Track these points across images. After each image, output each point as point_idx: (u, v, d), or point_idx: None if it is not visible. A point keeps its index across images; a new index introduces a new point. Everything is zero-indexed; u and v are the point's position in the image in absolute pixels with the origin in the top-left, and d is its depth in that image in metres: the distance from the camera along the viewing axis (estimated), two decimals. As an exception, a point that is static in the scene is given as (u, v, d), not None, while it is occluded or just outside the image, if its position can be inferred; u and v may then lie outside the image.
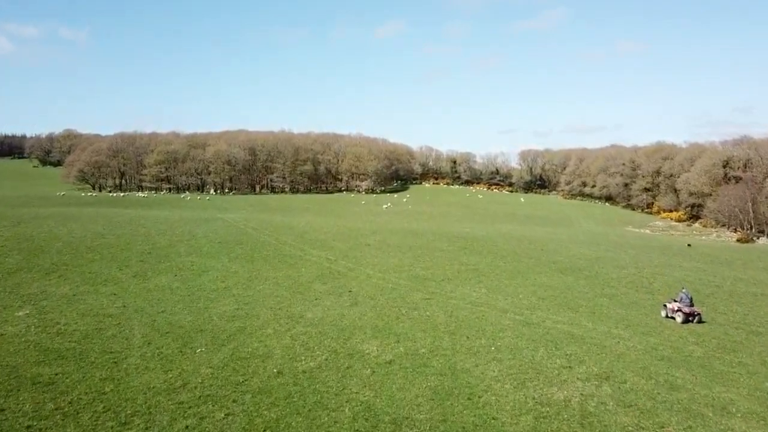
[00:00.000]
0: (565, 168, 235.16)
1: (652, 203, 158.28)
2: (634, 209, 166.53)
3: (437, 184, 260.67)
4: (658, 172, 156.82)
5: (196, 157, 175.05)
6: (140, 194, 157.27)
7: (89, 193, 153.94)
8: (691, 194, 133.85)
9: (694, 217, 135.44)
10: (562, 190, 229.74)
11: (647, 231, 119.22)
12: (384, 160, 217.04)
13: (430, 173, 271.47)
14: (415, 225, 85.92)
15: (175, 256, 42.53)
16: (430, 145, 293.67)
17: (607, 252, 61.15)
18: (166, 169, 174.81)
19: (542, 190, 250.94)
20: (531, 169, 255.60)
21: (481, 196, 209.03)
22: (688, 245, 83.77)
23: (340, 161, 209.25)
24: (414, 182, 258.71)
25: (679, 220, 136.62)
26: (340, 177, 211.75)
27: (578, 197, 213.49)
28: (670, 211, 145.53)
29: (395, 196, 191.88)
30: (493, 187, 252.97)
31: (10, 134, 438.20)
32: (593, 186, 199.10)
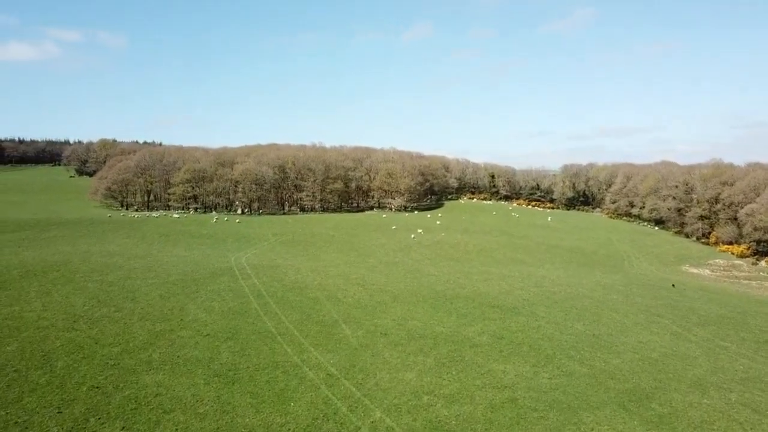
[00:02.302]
0: (610, 185, 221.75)
1: (710, 232, 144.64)
2: (688, 237, 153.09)
3: (474, 198, 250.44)
4: (716, 200, 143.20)
5: (224, 176, 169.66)
6: (166, 214, 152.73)
7: (116, 211, 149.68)
8: (756, 229, 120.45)
9: (759, 254, 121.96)
10: (607, 209, 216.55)
11: (707, 272, 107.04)
12: (418, 176, 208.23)
13: (467, 187, 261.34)
14: (444, 276, 76.85)
15: (143, 371, 34.83)
16: (467, 157, 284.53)
17: (673, 340, 50.84)
18: (193, 188, 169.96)
19: (585, 207, 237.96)
20: (574, 184, 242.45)
21: (517, 215, 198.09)
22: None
23: (371, 178, 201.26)
24: (450, 197, 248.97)
25: (741, 256, 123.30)
26: (371, 194, 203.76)
27: (624, 217, 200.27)
28: (731, 243, 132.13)
29: (428, 215, 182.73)
30: (534, 203, 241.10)
31: (53, 140, 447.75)
32: (642, 207, 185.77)
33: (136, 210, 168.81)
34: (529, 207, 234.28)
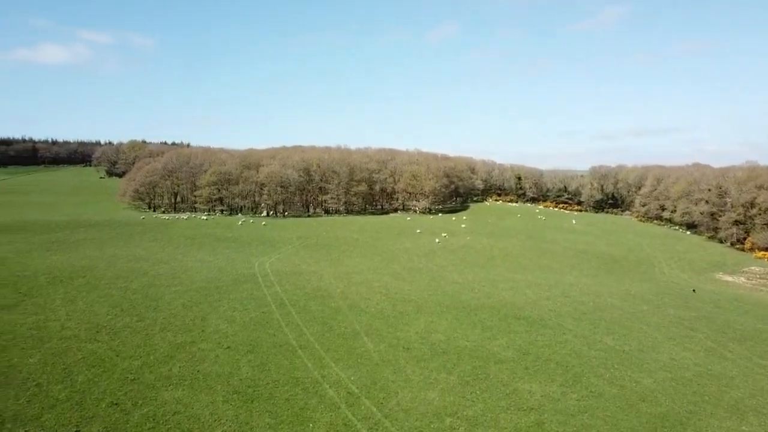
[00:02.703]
0: (640, 188, 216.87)
1: (745, 238, 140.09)
2: (722, 242, 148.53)
3: (500, 200, 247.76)
4: (752, 204, 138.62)
5: (249, 179, 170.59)
6: (193, 216, 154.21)
7: (143, 213, 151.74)
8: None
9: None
10: (637, 212, 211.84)
11: (742, 279, 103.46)
12: (443, 178, 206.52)
13: (493, 189, 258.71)
14: (469, 284, 75.52)
15: (162, 387, 34.52)
16: (492, 158, 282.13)
17: (708, 358, 48.77)
18: (219, 191, 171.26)
19: (614, 210, 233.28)
20: (602, 186, 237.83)
21: (543, 217, 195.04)
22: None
23: (396, 180, 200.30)
24: (475, 199, 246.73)
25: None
26: (396, 196, 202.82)
27: (655, 221, 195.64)
28: (767, 249, 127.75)
29: (453, 218, 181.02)
30: (561, 205, 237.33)
31: (84, 141, 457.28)
32: (673, 211, 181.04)
33: (164, 212, 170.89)
34: (556, 209, 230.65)
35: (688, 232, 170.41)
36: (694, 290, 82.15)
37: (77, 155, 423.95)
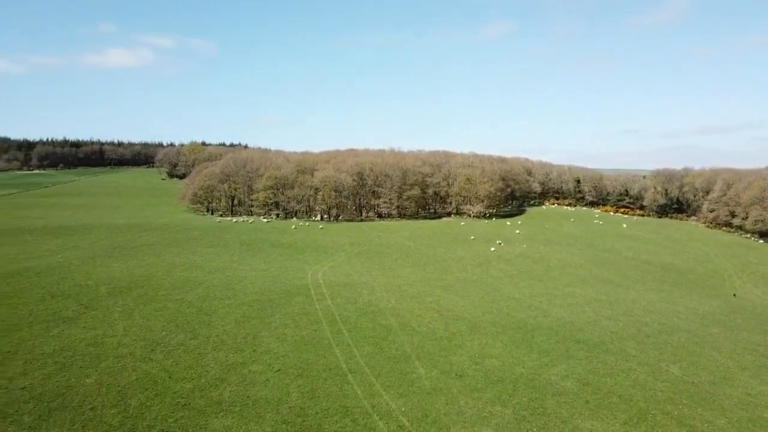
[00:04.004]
0: (708, 192, 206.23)
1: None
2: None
3: (557, 204, 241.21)
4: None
5: (304, 183, 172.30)
6: (252, 221, 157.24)
7: (202, 216, 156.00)
8: None
9: None
10: (704, 218, 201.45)
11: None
12: (498, 181, 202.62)
13: (550, 192, 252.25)
14: (526, 300, 73.03)
15: (212, 414, 34.40)
16: (546, 156, 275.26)
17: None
18: (275, 194, 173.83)
19: (679, 215, 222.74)
20: (666, 191, 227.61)
21: (601, 222, 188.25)
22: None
23: (449, 184, 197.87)
24: (532, 202, 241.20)
25: None
26: (449, 200, 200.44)
27: (724, 228, 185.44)
28: None
29: (508, 223, 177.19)
30: (622, 209, 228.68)
31: (148, 142, 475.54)
32: (744, 218, 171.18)
33: (221, 215, 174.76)
34: (617, 214, 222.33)
35: (761, 241, 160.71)
36: (734, 294, 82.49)
37: (141, 156, 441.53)
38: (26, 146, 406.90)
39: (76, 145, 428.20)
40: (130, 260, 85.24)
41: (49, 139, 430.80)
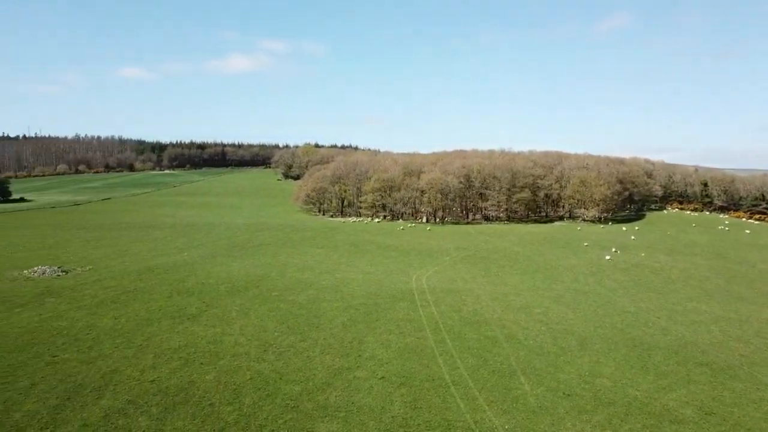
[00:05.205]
0: None
1: None
2: None
3: (682, 209, 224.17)
4: None
5: (411, 186, 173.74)
6: (364, 221, 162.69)
7: (314, 216, 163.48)
8: None
9: None
10: None
11: None
12: (615, 184, 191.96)
13: (673, 196, 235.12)
14: (642, 315, 68.58)
15: (319, 418, 35.67)
16: (672, 157, 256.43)
17: None
18: (382, 197, 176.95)
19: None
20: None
21: (728, 229, 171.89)
22: None
23: (562, 186, 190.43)
24: (653, 207, 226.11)
25: None
26: (561, 203, 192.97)
27: None
28: None
29: (624, 228, 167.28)
30: (756, 216, 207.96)
31: (265, 144, 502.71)
32: None
33: (332, 216, 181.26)
34: (749, 221, 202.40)
35: None
36: None
37: (259, 158, 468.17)
38: (159, 148, 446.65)
39: (202, 147, 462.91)
40: (247, 259, 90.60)
41: (178, 142, 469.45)
